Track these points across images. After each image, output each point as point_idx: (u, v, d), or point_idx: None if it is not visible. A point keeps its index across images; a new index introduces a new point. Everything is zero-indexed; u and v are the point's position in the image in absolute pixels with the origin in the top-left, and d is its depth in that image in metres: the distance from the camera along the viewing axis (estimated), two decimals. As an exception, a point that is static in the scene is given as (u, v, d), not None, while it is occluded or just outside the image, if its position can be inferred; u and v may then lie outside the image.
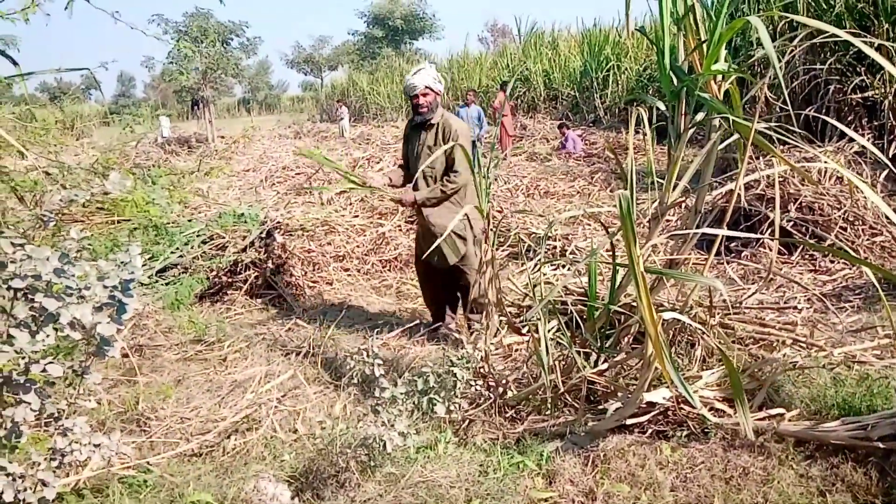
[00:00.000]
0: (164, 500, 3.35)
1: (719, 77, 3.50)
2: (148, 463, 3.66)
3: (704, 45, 3.45)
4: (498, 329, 4.76)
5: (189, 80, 25.38)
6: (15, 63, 4.25)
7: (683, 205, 7.33)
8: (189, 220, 7.30)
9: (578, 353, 4.01)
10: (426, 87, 5.33)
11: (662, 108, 3.72)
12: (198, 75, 24.93)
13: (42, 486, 2.67)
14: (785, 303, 5.27)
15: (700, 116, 3.57)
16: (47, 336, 2.48)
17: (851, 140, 7.69)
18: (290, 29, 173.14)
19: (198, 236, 6.89)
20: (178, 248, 6.65)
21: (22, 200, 4.45)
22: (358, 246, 7.81)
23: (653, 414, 3.63)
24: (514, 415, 4.07)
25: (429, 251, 4.95)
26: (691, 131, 3.64)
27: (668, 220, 7.03)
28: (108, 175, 2.74)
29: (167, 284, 6.25)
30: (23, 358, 2.51)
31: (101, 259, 2.69)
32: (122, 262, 2.61)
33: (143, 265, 2.45)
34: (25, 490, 2.59)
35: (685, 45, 3.60)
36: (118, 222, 6.53)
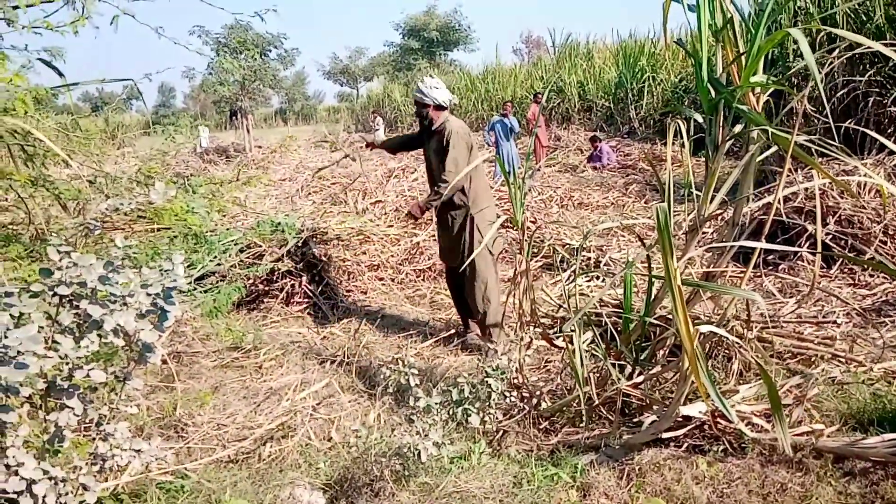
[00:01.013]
0: (201, 505, 3.40)
1: (757, 89, 3.49)
2: (185, 469, 3.71)
3: (742, 58, 3.44)
4: (532, 340, 4.76)
5: (228, 92, 25.68)
6: (61, 74, 4.35)
7: (720, 217, 7.28)
8: (227, 229, 7.38)
9: (613, 365, 4.00)
10: (414, 101, 5.80)
11: (700, 119, 3.71)
12: (236, 86, 25.22)
13: (83, 490, 2.71)
14: (824, 317, 5.21)
15: (738, 128, 3.55)
16: (91, 342, 2.53)
17: (892, 153, 7.57)
18: (327, 41, 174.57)
19: (235, 245, 6.96)
20: (216, 257, 6.73)
21: (66, 209, 4.54)
22: (392, 256, 7.84)
23: (689, 428, 3.60)
24: (549, 426, 4.06)
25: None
26: (729, 143, 3.62)
27: (704, 233, 6.99)
28: (150, 184, 2.79)
29: (205, 292, 6.32)
30: (67, 364, 2.56)
31: (142, 267, 2.74)
32: (164, 270, 2.65)
33: (183, 273, 2.50)
34: (67, 494, 2.63)
35: (723, 56, 3.59)
36: (158, 230, 6.63)
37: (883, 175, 7.25)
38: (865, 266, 6.37)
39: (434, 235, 8.43)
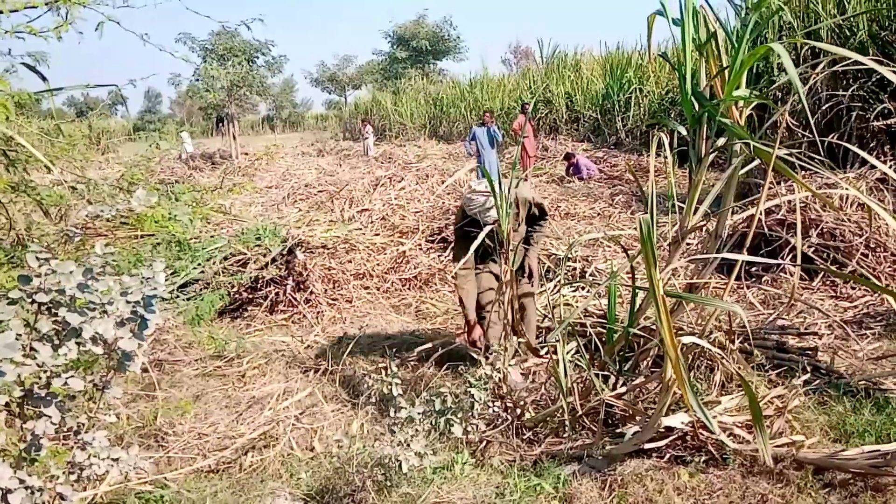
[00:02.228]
0: (181, 515, 3.37)
1: (740, 103, 3.51)
2: (165, 478, 3.68)
3: (726, 72, 3.46)
4: (517, 351, 4.76)
5: (215, 98, 25.60)
6: (44, 79, 4.32)
7: (704, 229, 7.31)
8: (211, 237, 7.35)
9: (597, 375, 4.00)
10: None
11: (684, 132, 3.73)
12: (223, 93, 25.16)
13: (60, 500, 2.68)
14: (805, 329, 5.23)
15: (721, 141, 3.57)
16: (69, 350, 2.51)
17: (874, 167, 7.63)
18: (316, 48, 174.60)
19: (219, 252, 6.94)
20: (199, 264, 6.70)
21: (47, 214, 4.50)
22: (378, 264, 7.83)
23: (671, 439, 3.61)
24: (532, 437, 4.06)
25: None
26: (712, 156, 3.64)
27: (688, 244, 7.01)
28: (133, 191, 2.78)
29: (188, 300, 6.29)
30: (44, 371, 2.53)
31: (124, 274, 2.72)
32: (145, 278, 2.63)
33: (165, 281, 2.47)
34: (44, 503, 2.60)
35: (707, 70, 3.61)
36: (141, 237, 6.59)
37: (864, 189, 7.31)
38: (847, 279, 6.41)
39: (420, 245, 8.44)
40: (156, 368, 5.07)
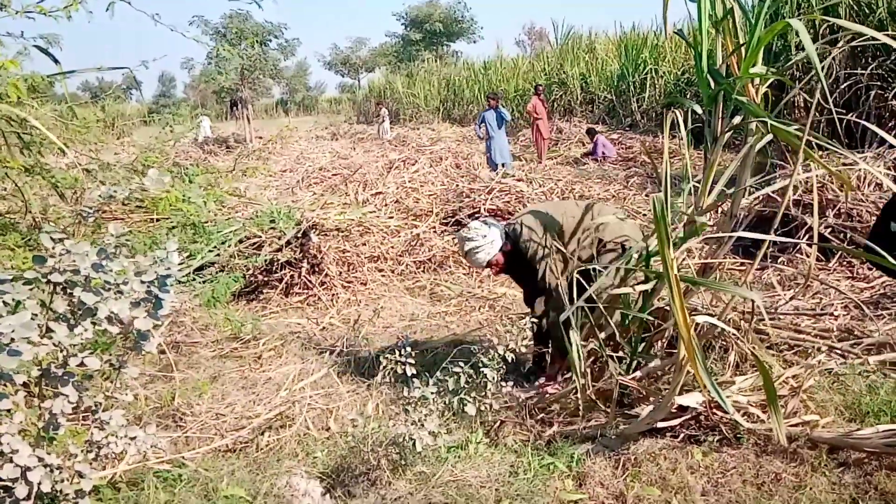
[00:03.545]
0: (199, 494, 3.40)
1: (757, 81, 3.48)
2: (183, 458, 3.72)
3: (742, 49, 3.43)
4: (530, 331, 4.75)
5: (227, 81, 25.62)
6: (56, 61, 4.33)
7: (720, 209, 7.27)
8: (227, 220, 7.38)
9: (611, 356, 4.00)
10: (488, 263, 4.50)
11: (699, 111, 3.70)
12: (236, 76, 25.17)
13: (79, 478, 2.72)
14: (822, 309, 5.20)
15: (737, 120, 3.54)
16: (85, 330, 2.53)
17: (892, 147, 7.57)
18: (330, 30, 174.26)
19: (234, 235, 6.96)
20: (215, 247, 6.73)
21: (62, 197, 4.53)
22: (392, 247, 7.84)
23: (685, 418, 3.61)
24: (546, 417, 4.07)
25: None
26: (728, 135, 3.61)
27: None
28: (145, 173, 2.79)
29: (204, 282, 6.32)
30: (61, 351, 2.56)
31: (136, 255, 2.74)
32: (159, 259, 2.65)
33: (181, 263, 2.48)
34: (63, 481, 2.64)
35: (723, 48, 3.58)
36: (157, 220, 6.63)
37: (883, 168, 7.24)
38: (864, 259, 6.36)
39: (434, 227, 8.44)
40: (173, 350, 5.11)
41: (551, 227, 4.34)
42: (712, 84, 3.55)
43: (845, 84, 9.68)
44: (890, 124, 9.29)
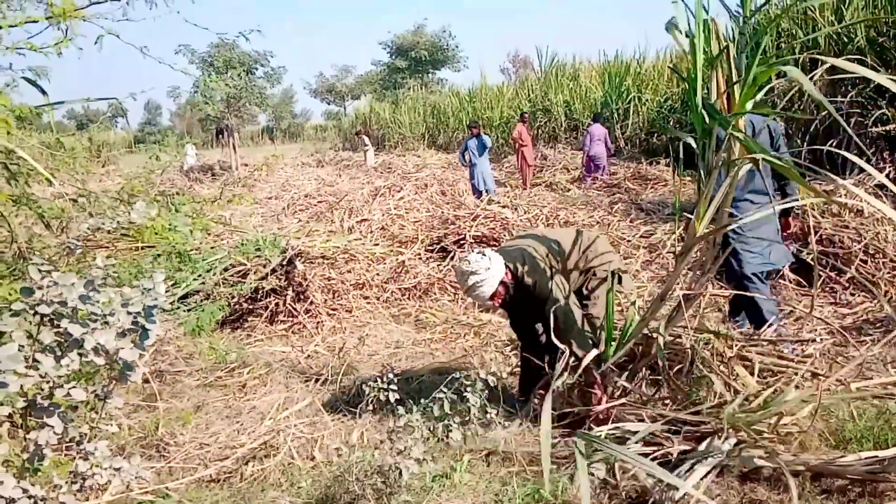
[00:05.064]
0: (182, 525, 3.39)
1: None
2: (167, 488, 3.70)
3: (736, 86, 3.51)
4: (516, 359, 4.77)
5: (214, 111, 25.66)
6: (44, 93, 4.36)
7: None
8: (212, 248, 7.38)
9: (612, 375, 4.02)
10: (492, 296, 4.26)
11: (693, 143, 3.77)
12: (222, 105, 25.20)
13: (63, 509, 2.71)
14: (803, 337, 5.25)
15: (730, 154, 3.61)
16: (72, 361, 2.54)
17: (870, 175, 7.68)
18: (315, 59, 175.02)
19: (220, 263, 6.96)
20: (200, 275, 6.73)
21: (49, 227, 4.53)
22: (377, 274, 7.85)
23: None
24: (533, 444, 4.07)
25: None
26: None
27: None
28: (134, 203, 2.81)
29: (189, 311, 6.31)
30: (47, 382, 2.56)
31: (125, 285, 2.75)
32: (145, 289, 2.66)
33: (166, 292, 2.49)
34: (47, 513, 2.63)
35: (716, 82, 3.66)
36: (142, 248, 6.62)
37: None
38: (846, 285, 6.43)
39: (419, 255, 8.47)
40: (157, 379, 5.09)
41: (550, 252, 4.36)
42: (706, 118, 3.62)
43: (825, 111, 9.81)
44: (871, 150, 9.41)
